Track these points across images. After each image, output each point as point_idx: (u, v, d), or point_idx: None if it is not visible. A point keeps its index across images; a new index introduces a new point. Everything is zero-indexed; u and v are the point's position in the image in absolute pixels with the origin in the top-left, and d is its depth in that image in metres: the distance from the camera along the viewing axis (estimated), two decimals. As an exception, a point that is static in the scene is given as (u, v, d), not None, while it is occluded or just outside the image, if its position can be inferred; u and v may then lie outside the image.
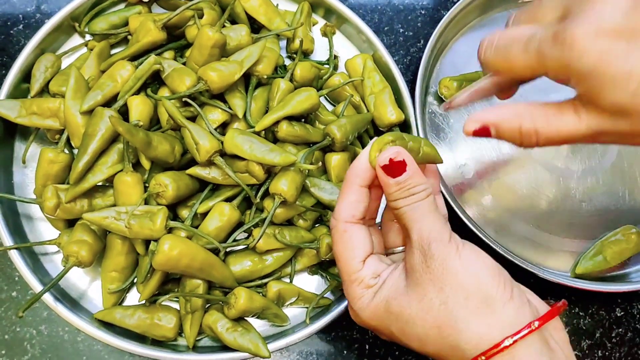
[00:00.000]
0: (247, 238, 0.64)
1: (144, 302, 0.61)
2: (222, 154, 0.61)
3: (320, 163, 0.67)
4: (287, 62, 0.74)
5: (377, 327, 0.46)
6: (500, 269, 0.43)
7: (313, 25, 0.76)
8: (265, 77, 0.66)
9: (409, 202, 0.45)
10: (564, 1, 0.40)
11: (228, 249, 0.63)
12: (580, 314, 0.72)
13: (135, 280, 0.63)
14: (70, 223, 0.63)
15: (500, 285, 0.42)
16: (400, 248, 0.51)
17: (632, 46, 0.36)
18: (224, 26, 0.67)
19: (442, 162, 0.53)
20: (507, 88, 0.50)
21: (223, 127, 0.65)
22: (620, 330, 0.72)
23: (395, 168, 0.45)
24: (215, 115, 0.63)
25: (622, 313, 0.73)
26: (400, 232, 0.51)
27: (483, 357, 0.40)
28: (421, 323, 0.42)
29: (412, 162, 0.45)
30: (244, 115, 0.63)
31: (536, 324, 0.40)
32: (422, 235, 0.43)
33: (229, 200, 0.63)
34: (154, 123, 0.65)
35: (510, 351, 0.39)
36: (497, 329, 0.40)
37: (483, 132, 0.45)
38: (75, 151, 0.63)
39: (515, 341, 0.39)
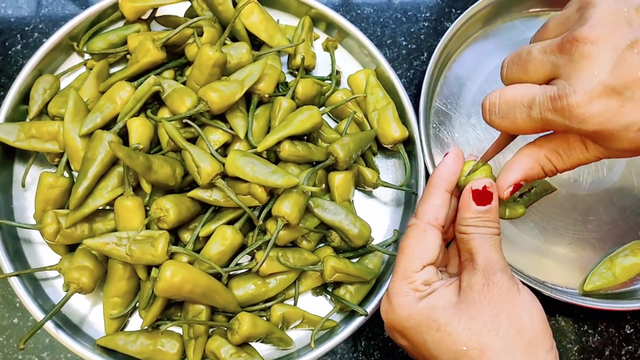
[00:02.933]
0: (250, 261, 0.63)
1: (146, 327, 0.60)
2: (224, 175, 0.60)
3: (323, 184, 0.66)
4: (289, 77, 0.73)
5: (408, 330, 0.46)
6: (546, 318, 0.45)
7: (315, 39, 0.75)
8: (266, 95, 0.65)
9: (483, 232, 0.46)
10: (551, 59, 0.42)
11: (231, 273, 0.62)
12: (590, 331, 0.71)
13: (137, 305, 0.62)
14: (71, 247, 0.63)
15: (547, 333, 0.43)
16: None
17: (624, 100, 0.39)
18: (224, 44, 0.66)
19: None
20: (515, 136, 0.52)
21: (224, 148, 0.64)
22: (630, 347, 0.71)
23: (484, 196, 0.46)
24: (216, 136, 0.62)
25: (631, 330, 0.72)
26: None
27: None
28: (465, 341, 0.43)
29: (497, 199, 0.47)
30: (246, 135, 0.62)
31: None
32: (490, 262, 0.45)
33: (231, 222, 0.62)
34: (154, 144, 0.64)
35: None
36: None
37: (516, 189, 0.48)
38: (75, 174, 0.62)
39: None
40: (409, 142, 0.70)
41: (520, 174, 0.47)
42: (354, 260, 0.67)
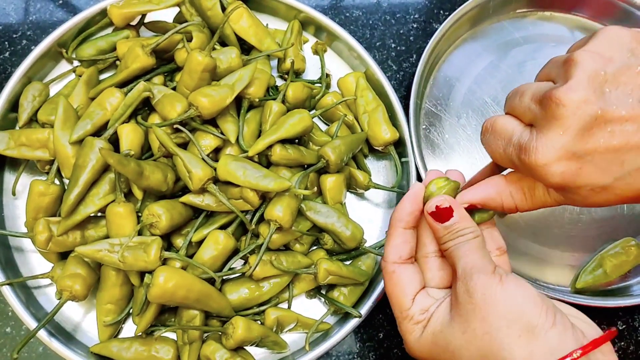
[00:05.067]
0: (243, 265, 0.63)
1: (140, 334, 0.60)
2: (216, 180, 0.60)
3: (315, 187, 0.66)
4: (279, 82, 0.73)
5: (429, 359, 0.48)
6: (542, 297, 0.45)
7: (304, 43, 0.75)
8: (257, 99, 0.65)
9: (458, 242, 0.47)
10: (533, 108, 0.45)
11: (224, 277, 0.62)
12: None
13: (131, 311, 0.62)
14: (63, 255, 0.62)
15: (542, 312, 0.43)
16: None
17: (582, 163, 0.43)
18: (214, 49, 0.66)
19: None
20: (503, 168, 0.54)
21: (216, 153, 0.64)
22: (623, 344, 0.72)
23: (442, 214, 0.48)
24: (207, 141, 0.62)
25: (623, 326, 0.72)
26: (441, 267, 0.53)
27: None
28: (467, 353, 0.44)
29: (458, 207, 0.48)
30: (237, 139, 0.63)
31: (578, 352, 0.41)
32: (465, 268, 0.45)
33: (223, 227, 0.62)
34: (146, 150, 0.64)
35: None
36: (539, 355, 0.41)
37: (471, 208, 0.50)
38: (66, 181, 0.62)
39: None
40: (399, 144, 0.70)
41: (479, 197, 0.50)
42: (347, 263, 0.67)
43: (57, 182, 0.62)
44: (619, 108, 0.41)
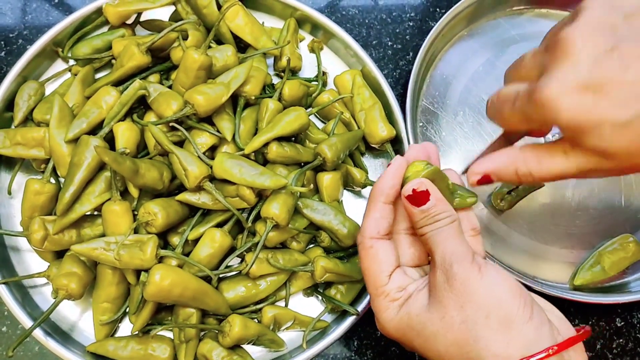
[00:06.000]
0: (240, 263, 0.63)
1: (137, 332, 0.60)
2: (212, 178, 0.60)
3: (312, 185, 0.66)
4: (275, 80, 0.73)
5: (401, 339, 0.47)
6: (522, 288, 0.44)
7: (300, 41, 0.75)
8: (253, 97, 0.65)
9: (436, 227, 0.46)
10: (539, 59, 0.44)
11: (221, 275, 0.62)
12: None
13: (127, 310, 0.62)
14: (59, 254, 0.62)
15: (521, 305, 0.43)
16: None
17: (597, 97, 0.39)
18: (209, 47, 0.66)
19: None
20: (514, 140, 0.53)
21: (212, 151, 0.64)
22: (621, 340, 0.71)
23: (419, 198, 0.47)
24: (203, 139, 0.62)
25: (622, 323, 0.72)
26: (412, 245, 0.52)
27: None
28: (442, 340, 0.43)
29: (435, 191, 0.47)
30: (233, 137, 0.62)
31: (554, 348, 0.41)
32: (444, 256, 0.45)
33: (220, 225, 0.62)
34: (141, 149, 0.64)
35: None
36: (515, 348, 0.41)
37: (485, 180, 0.48)
38: (62, 180, 0.62)
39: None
40: (396, 142, 0.70)
41: (492, 166, 0.47)
42: (345, 260, 0.67)
43: (52, 180, 0.62)
44: (633, 43, 0.39)
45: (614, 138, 0.40)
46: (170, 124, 0.61)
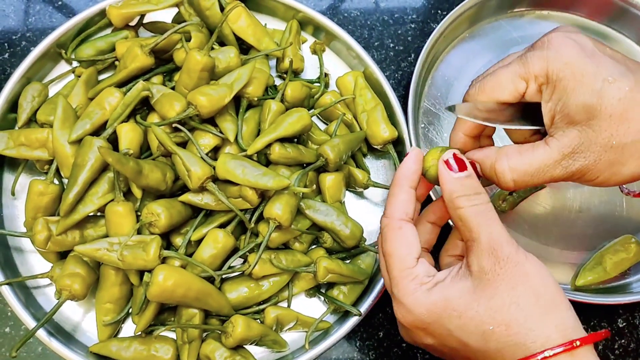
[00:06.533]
0: (242, 264, 0.63)
1: (140, 333, 0.60)
2: (215, 179, 0.60)
3: (314, 185, 0.66)
4: (278, 81, 0.73)
5: (432, 325, 0.46)
6: (556, 281, 0.46)
7: (302, 43, 0.76)
8: (255, 99, 0.65)
9: (476, 203, 0.46)
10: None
11: (224, 276, 0.62)
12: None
13: (130, 311, 0.62)
14: (63, 254, 0.62)
15: (563, 294, 0.45)
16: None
17: (596, 57, 0.46)
18: (212, 48, 0.66)
19: None
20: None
21: (215, 152, 0.64)
22: (623, 341, 0.72)
23: (458, 164, 0.47)
24: (206, 140, 0.63)
25: (624, 324, 0.72)
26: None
27: (550, 352, 0.41)
28: (489, 320, 0.43)
29: (471, 166, 0.48)
30: (236, 138, 0.63)
31: (602, 334, 0.43)
32: (493, 238, 0.45)
33: (223, 226, 0.62)
34: (145, 150, 0.64)
35: (575, 353, 0.42)
36: (562, 330, 0.42)
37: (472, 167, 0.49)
38: (65, 180, 0.62)
39: (581, 344, 0.42)
40: (398, 143, 0.70)
41: (478, 156, 0.50)
42: (347, 261, 0.67)
43: (56, 181, 0.62)
44: None
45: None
46: (173, 125, 0.61)
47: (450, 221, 0.58)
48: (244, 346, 0.62)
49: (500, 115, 0.50)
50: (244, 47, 0.72)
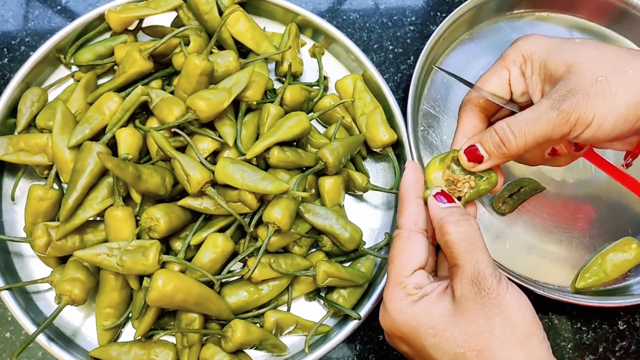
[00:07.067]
0: (242, 268, 0.63)
1: (139, 337, 0.60)
2: (214, 183, 0.60)
3: (313, 189, 0.66)
4: (277, 85, 0.73)
5: (407, 335, 0.48)
6: (534, 311, 0.47)
7: (301, 46, 0.76)
8: (254, 102, 0.65)
9: (463, 229, 0.47)
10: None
11: (223, 280, 0.62)
12: (583, 328, 0.71)
13: (130, 315, 0.62)
14: (62, 259, 0.63)
15: (538, 325, 0.46)
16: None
17: (562, 38, 0.54)
18: (211, 52, 0.66)
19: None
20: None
21: (214, 156, 0.64)
22: (624, 343, 0.71)
23: (446, 198, 0.50)
24: (205, 144, 0.63)
25: (624, 326, 0.72)
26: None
27: None
28: (463, 344, 0.45)
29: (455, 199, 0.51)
30: (235, 143, 0.63)
31: None
32: (479, 269, 0.46)
33: (222, 230, 0.62)
34: (144, 154, 0.64)
35: None
36: None
37: (474, 154, 0.52)
38: (65, 185, 0.62)
39: None
40: (397, 146, 0.70)
41: (476, 138, 0.53)
42: (346, 265, 0.67)
43: (55, 186, 0.62)
44: None
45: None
46: (173, 130, 0.61)
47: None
48: (244, 350, 0.62)
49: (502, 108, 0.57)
50: (243, 51, 0.72)
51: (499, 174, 0.54)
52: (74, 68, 0.71)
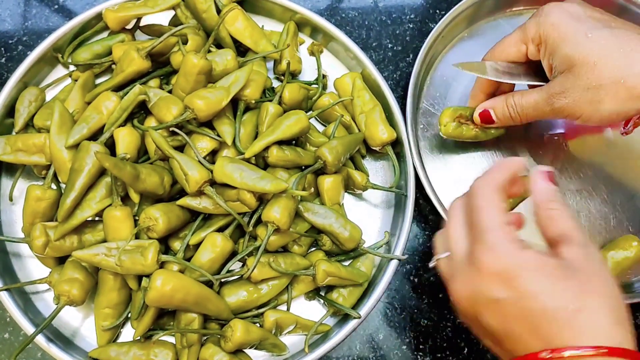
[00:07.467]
0: (241, 267, 0.63)
1: (139, 338, 0.60)
2: (212, 183, 0.60)
3: (312, 188, 0.66)
4: (275, 83, 0.73)
5: (522, 277, 0.44)
6: None
7: (300, 44, 0.75)
8: (253, 101, 0.65)
9: (566, 205, 0.49)
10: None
11: (222, 280, 0.62)
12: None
13: (129, 315, 0.62)
14: (61, 260, 0.62)
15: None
16: None
17: (581, 19, 0.59)
18: (209, 51, 0.66)
19: None
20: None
21: (212, 155, 0.64)
22: (625, 341, 0.71)
23: (550, 179, 0.51)
24: (203, 143, 0.62)
25: (625, 324, 0.72)
26: None
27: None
28: (573, 299, 0.43)
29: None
30: (233, 142, 0.62)
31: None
32: (585, 238, 0.47)
33: (221, 229, 0.62)
34: (142, 154, 0.64)
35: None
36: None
37: (486, 116, 0.66)
38: (63, 186, 0.62)
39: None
40: (397, 144, 0.70)
41: (489, 103, 0.66)
42: (346, 264, 0.67)
43: (53, 186, 0.62)
44: None
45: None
46: (171, 129, 0.61)
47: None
48: (244, 350, 0.62)
49: (513, 73, 0.65)
50: (241, 50, 0.71)
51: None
52: (72, 67, 0.70)
